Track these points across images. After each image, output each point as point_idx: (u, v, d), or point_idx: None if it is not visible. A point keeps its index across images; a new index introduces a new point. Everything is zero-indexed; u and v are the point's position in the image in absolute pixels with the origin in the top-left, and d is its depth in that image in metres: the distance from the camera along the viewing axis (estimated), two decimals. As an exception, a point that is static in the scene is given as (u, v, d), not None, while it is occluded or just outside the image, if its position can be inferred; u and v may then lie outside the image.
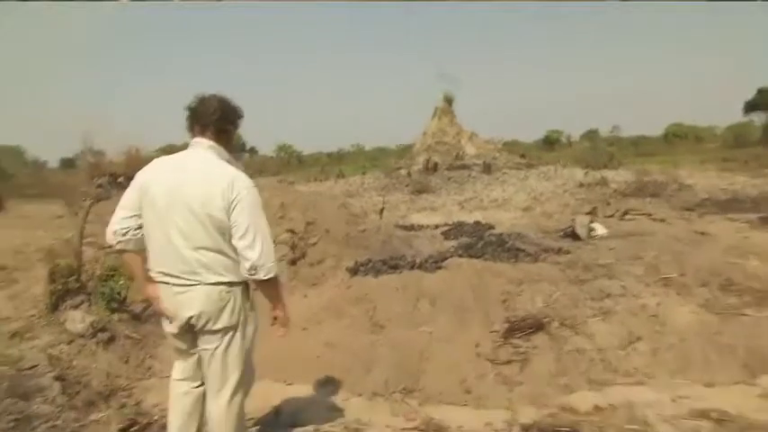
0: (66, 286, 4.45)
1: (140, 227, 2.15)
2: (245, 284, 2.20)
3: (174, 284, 2.12)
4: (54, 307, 4.39)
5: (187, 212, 2.05)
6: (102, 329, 4.11)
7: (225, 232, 2.05)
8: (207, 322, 2.12)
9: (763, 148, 27.52)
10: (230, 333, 2.17)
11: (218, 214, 2.02)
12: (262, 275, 2.03)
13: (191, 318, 2.12)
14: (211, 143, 2.18)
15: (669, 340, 3.96)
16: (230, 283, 2.13)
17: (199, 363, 2.29)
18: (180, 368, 2.34)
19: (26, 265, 7.50)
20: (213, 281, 2.09)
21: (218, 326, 2.13)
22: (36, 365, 3.66)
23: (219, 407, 2.19)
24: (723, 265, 5.15)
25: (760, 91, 38.38)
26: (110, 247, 2.39)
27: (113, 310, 4.39)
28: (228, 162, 2.19)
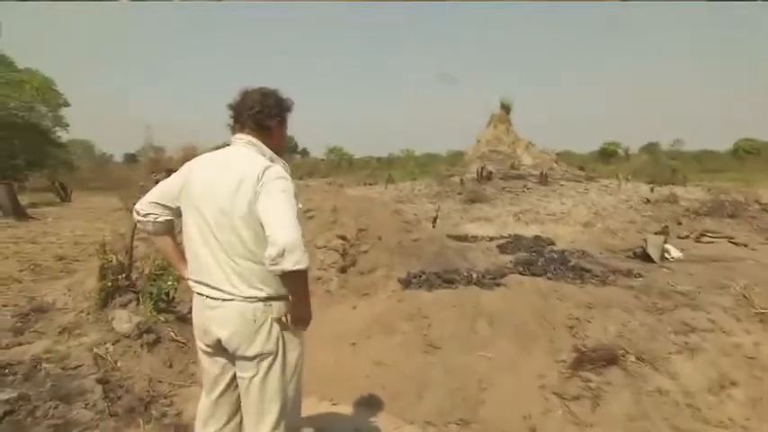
0: (116, 283, 4.42)
1: (168, 214, 2.03)
2: (286, 301, 1.94)
3: (207, 296, 1.91)
4: (103, 304, 4.36)
5: (219, 214, 1.84)
6: (148, 331, 4.02)
7: (260, 235, 1.80)
8: (239, 346, 1.88)
9: None
10: (268, 360, 1.90)
11: (248, 213, 1.80)
12: (289, 266, 1.69)
13: (220, 339, 1.90)
14: (250, 138, 1.97)
15: (771, 387, 3.45)
16: (268, 299, 1.89)
17: (230, 392, 2.05)
18: (207, 403, 2.09)
19: (84, 257, 7.74)
20: (249, 295, 1.86)
21: (252, 352, 1.88)
22: (81, 365, 3.61)
23: None
24: (828, 300, 4.55)
25: None
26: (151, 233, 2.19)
27: (160, 311, 4.31)
28: (271, 160, 1.95)
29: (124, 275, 4.46)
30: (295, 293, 1.89)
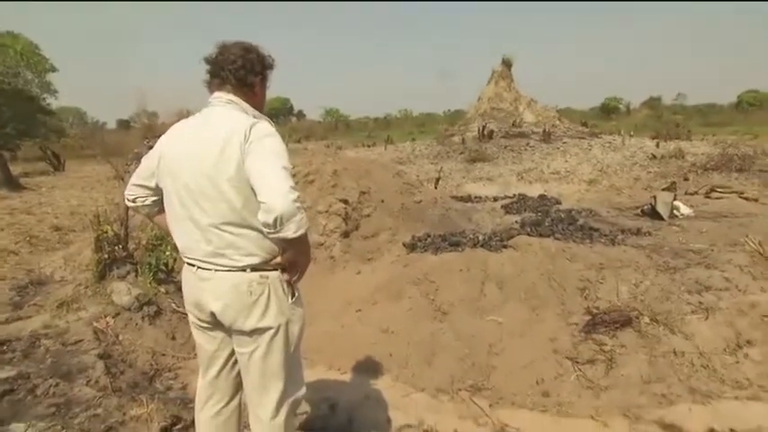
0: (113, 255, 4.32)
1: (152, 195, 1.91)
2: (283, 271, 1.79)
3: (198, 267, 1.77)
4: (101, 276, 4.28)
5: (204, 181, 1.68)
6: (149, 303, 3.96)
7: (251, 199, 1.65)
8: (235, 320, 1.75)
9: None
10: (269, 333, 1.77)
11: (236, 176, 1.64)
12: (290, 233, 1.55)
13: (214, 312, 1.78)
14: (230, 97, 1.80)
15: (789, 347, 3.39)
16: (265, 267, 1.74)
17: (227, 370, 1.95)
18: (204, 383, 1.98)
19: (80, 227, 7.65)
20: (244, 264, 1.72)
21: (249, 326, 1.75)
22: (81, 340, 3.55)
23: (261, 423, 1.84)
24: None
25: None
26: (146, 216, 2.07)
27: (160, 282, 4.24)
28: (255, 117, 1.78)
29: (121, 246, 4.36)
30: (296, 252, 1.74)
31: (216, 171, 1.66)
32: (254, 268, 1.73)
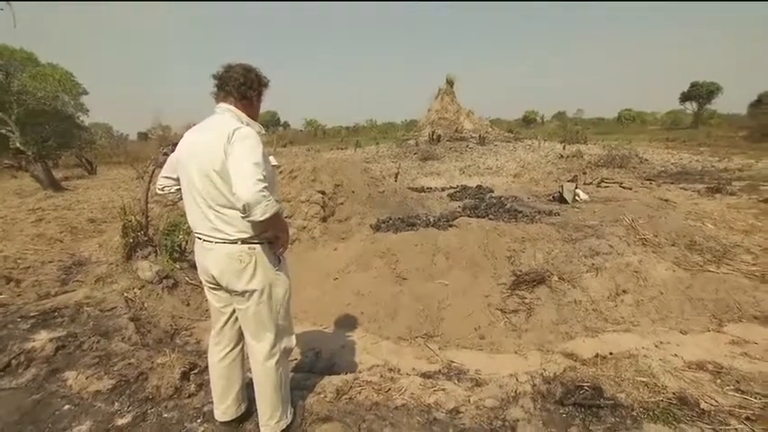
0: (137, 239, 4.19)
1: (176, 184, 1.89)
2: (270, 243, 1.80)
3: (203, 240, 1.78)
4: (128, 256, 4.15)
5: (200, 172, 1.69)
6: (167, 277, 3.85)
7: None
8: (228, 283, 1.77)
9: (693, 130, 28.44)
10: (256, 295, 1.77)
11: (222, 169, 1.64)
12: (257, 217, 1.53)
13: (214, 276, 1.79)
14: (229, 106, 1.79)
15: (650, 293, 3.64)
16: (252, 240, 1.74)
17: (230, 323, 1.94)
18: (213, 333, 1.99)
19: (110, 219, 7.36)
20: (235, 237, 1.72)
21: (240, 287, 1.76)
22: (115, 307, 3.45)
23: (258, 364, 1.85)
24: (686, 228, 4.82)
25: (693, 84, 38.49)
26: (173, 203, 2.04)
27: (175, 260, 4.13)
28: (247, 124, 1.76)
29: (143, 232, 4.22)
30: (272, 230, 1.75)
31: (207, 164, 1.66)
32: (244, 241, 1.73)
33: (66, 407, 2.16)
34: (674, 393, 2.05)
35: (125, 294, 3.61)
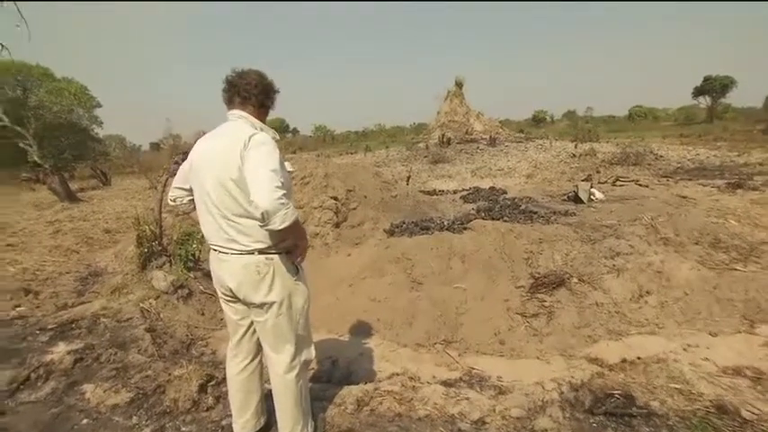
0: (151, 249, 4.19)
1: (188, 195, 1.84)
2: (288, 253, 1.73)
3: (219, 251, 1.72)
4: (143, 266, 4.15)
5: (215, 181, 1.64)
6: (182, 286, 3.84)
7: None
8: (246, 295, 1.71)
9: (708, 125, 27.46)
10: (275, 307, 1.70)
11: (238, 177, 1.58)
12: (276, 226, 1.47)
13: (231, 288, 1.73)
14: (241, 113, 1.73)
15: (675, 294, 3.50)
16: (270, 251, 1.68)
17: (248, 336, 1.89)
18: (231, 345, 1.93)
19: (125, 229, 7.43)
20: (252, 248, 1.66)
21: (258, 299, 1.69)
22: (131, 318, 3.45)
23: (277, 377, 1.79)
24: (709, 225, 4.65)
25: (706, 78, 37.31)
26: (186, 214, 2.00)
27: (189, 269, 4.11)
28: (261, 129, 1.71)
29: (157, 242, 4.22)
30: (291, 238, 1.69)
31: (223, 173, 1.61)
32: (261, 251, 1.67)
33: (85, 421, 2.14)
34: (711, 401, 1.94)
35: (140, 305, 3.61)
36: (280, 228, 1.49)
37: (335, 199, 5.63)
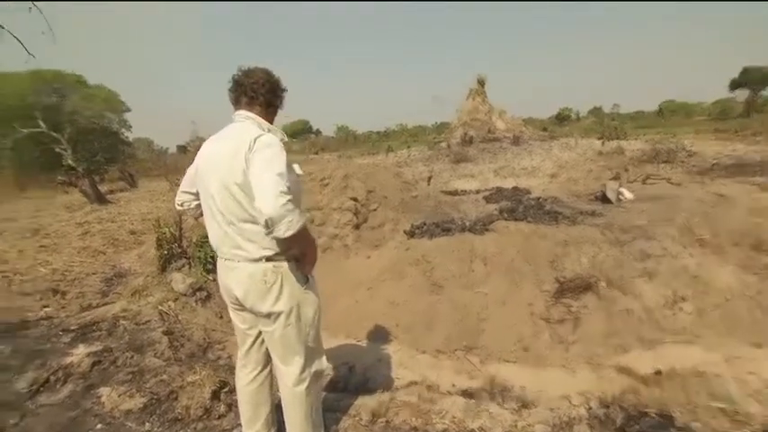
0: (171, 251, 4.22)
1: (195, 199, 1.79)
2: (295, 261, 1.64)
3: (225, 259, 1.65)
4: (162, 268, 4.19)
5: (219, 185, 1.56)
6: (200, 289, 3.85)
7: None
8: (253, 304, 1.63)
9: (746, 119, 25.56)
10: (282, 317, 1.62)
11: (244, 181, 1.50)
12: (281, 233, 1.39)
13: (238, 297, 1.66)
14: (248, 114, 1.65)
15: (713, 300, 3.26)
16: (277, 258, 1.60)
17: (257, 346, 1.82)
18: (240, 355, 1.87)
19: (148, 230, 7.59)
20: (258, 256, 1.58)
21: (265, 309, 1.61)
22: (150, 320, 3.46)
23: (286, 389, 1.72)
24: (750, 226, 4.31)
25: (745, 70, 34.93)
26: (195, 219, 1.95)
27: (208, 271, 4.12)
28: (268, 130, 1.62)
29: (177, 244, 4.26)
30: (298, 246, 1.59)
31: (228, 177, 1.53)
32: (269, 259, 1.59)
33: (99, 426, 2.13)
34: (761, 424, 1.75)
35: (159, 307, 3.62)
36: (285, 235, 1.41)
37: (355, 200, 5.56)
